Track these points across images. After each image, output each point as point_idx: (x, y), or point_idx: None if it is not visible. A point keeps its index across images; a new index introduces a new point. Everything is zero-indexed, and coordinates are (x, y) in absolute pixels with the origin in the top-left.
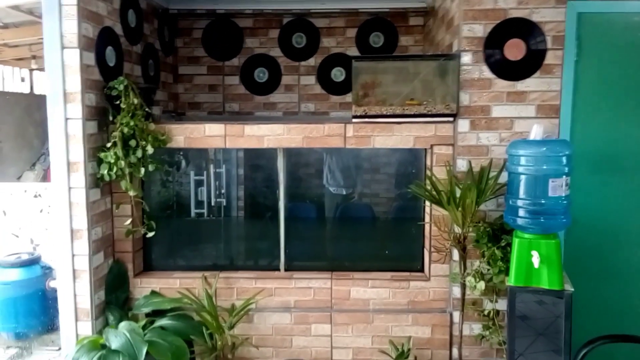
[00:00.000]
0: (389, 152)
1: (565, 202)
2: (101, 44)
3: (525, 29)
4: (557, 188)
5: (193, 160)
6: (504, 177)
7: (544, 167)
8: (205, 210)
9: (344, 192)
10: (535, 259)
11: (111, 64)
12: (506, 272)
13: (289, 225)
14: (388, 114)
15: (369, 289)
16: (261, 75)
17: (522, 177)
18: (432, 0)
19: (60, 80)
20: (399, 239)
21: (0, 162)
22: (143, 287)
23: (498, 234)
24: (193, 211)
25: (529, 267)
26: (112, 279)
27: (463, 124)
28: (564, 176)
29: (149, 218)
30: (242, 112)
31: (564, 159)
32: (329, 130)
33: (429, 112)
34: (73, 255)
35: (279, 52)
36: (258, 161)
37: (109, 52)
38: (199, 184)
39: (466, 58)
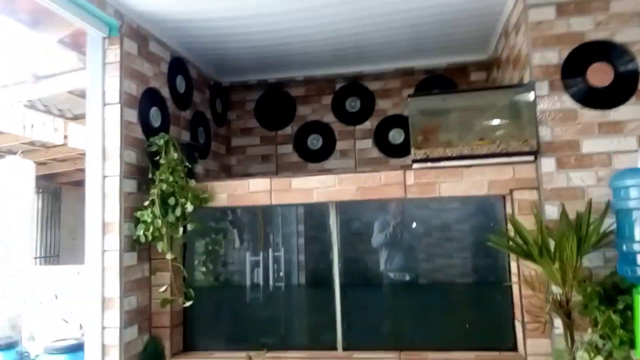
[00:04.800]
0: (457, 206)
1: None
2: (145, 103)
3: (608, 51)
4: None
5: (243, 234)
6: (607, 226)
7: None
8: (250, 282)
9: (407, 278)
10: None
11: (156, 125)
12: (630, 343)
13: (346, 298)
14: (454, 155)
15: None
16: (315, 142)
17: (636, 213)
18: (494, 50)
19: (100, 136)
20: (482, 309)
21: (73, 255)
22: None
23: (611, 295)
24: (244, 286)
25: None
26: (147, 359)
27: (547, 163)
28: None
29: (187, 286)
30: None
31: None
32: (386, 179)
33: (504, 152)
34: (103, 328)
35: (332, 117)
36: (314, 232)
37: (154, 112)
38: (254, 263)
39: (542, 88)
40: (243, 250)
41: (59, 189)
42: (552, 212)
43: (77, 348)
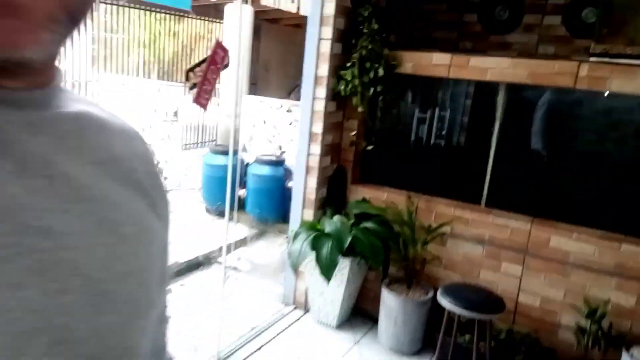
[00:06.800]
0: (630, 102)
1: None
2: None
3: None
4: None
5: (419, 97)
6: None
7: None
8: (422, 139)
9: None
10: None
11: None
12: None
13: (497, 163)
14: (634, 54)
15: (572, 242)
16: (501, 13)
17: None
18: None
19: (319, 5)
20: (622, 198)
21: (266, 87)
22: (356, 193)
23: None
24: (411, 140)
25: None
26: (334, 180)
27: None
28: None
29: (370, 135)
30: (474, 50)
31: None
32: (560, 68)
33: None
34: (308, 154)
35: None
36: (479, 103)
37: None
38: (420, 120)
39: None
40: (413, 108)
41: (259, 24)
42: None
43: (277, 163)
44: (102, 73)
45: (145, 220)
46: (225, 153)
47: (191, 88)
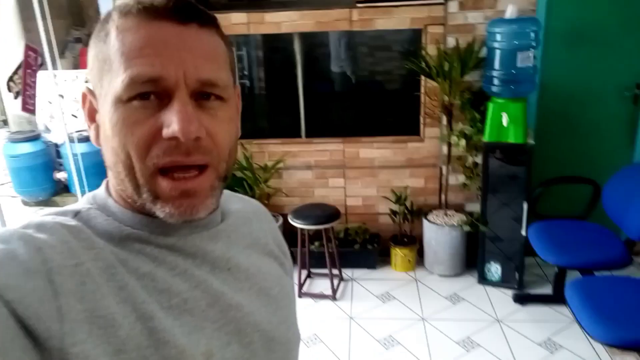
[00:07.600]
0: (392, 35)
1: (531, 71)
2: None
3: None
4: (525, 59)
5: None
6: (484, 54)
7: (514, 42)
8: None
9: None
10: (504, 119)
11: None
12: (484, 132)
13: (307, 101)
14: None
15: (375, 150)
16: None
17: (497, 51)
18: None
19: None
20: (401, 110)
21: None
22: None
23: (480, 101)
24: None
25: (500, 126)
26: None
27: (453, 5)
28: (531, 49)
29: None
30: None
31: (532, 34)
32: (338, 15)
33: None
34: None
35: None
36: (282, 51)
37: None
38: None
39: None
40: None
41: None
42: (452, 42)
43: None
44: None
45: (281, 279)
46: (27, 140)
47: (15, 97)
